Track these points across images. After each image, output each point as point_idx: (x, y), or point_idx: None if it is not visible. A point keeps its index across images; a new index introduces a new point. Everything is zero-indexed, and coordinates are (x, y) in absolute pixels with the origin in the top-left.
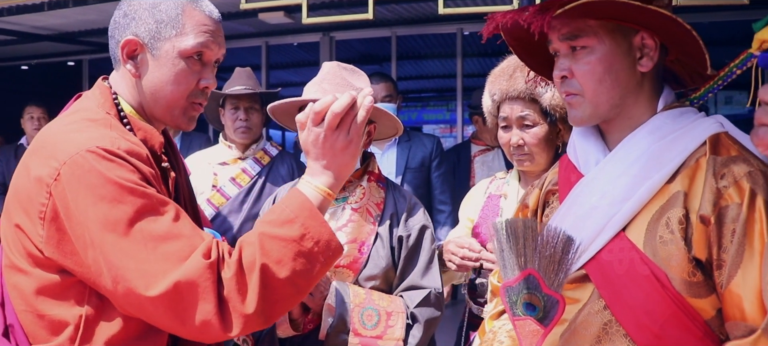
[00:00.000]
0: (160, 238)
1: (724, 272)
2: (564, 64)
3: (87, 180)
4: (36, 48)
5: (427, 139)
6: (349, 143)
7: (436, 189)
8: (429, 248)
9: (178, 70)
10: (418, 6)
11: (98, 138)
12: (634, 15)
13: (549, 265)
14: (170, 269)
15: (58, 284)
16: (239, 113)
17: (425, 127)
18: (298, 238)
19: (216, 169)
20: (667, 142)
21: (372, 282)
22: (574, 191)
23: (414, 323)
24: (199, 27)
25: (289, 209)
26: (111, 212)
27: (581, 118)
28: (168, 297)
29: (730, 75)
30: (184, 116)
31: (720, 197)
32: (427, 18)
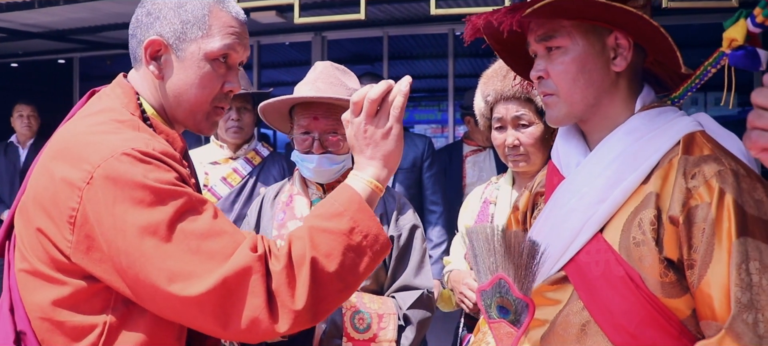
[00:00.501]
0: (202, 236)
1: (695, 272)
2: (540, 64)
3: (123, 184)
4: (26, 45)
5: (418, 140)
6: (390, 129)
7: (428, 189)
8: (420, 247)
9: (203, 73)
10: (409, 6)
11: (131, 139)
12: (604, 14)
13: (517, 270)
14: (216, 266)
15: (83, 290)
16: (231, 113)
17: (417, 127)
18: (348, 231)
19: (207, 168)
20: (642, 142)
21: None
22: (556, 193)
23: (407, 325)
24: (226, 28)
25: (337, 203)
26: (151, 215)
27: (557, 117)
28: (216, 293)
29: (705, 73)
30: (207, 121)
31: (689, 196)
32: (419, 18)
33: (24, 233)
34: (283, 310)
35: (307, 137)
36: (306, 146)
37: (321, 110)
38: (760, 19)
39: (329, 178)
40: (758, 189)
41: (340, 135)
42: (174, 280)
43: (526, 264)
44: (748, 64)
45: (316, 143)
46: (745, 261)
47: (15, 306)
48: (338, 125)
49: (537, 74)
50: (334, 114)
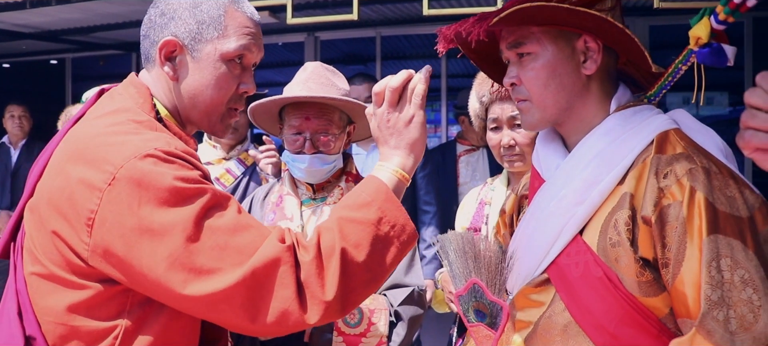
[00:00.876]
0: (230, 231)
1: (669, 271)
2: (512, 71)
3: (148, 184)
4: (18, 46)
5: None
6: (413, 117)
7: (421, 190)
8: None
9: (219, 74)
10: (402, 7)
11: (153, 140)
12: (570, 19)
13: (489, 275)
14: (245, 259)
15: (99, 294)
16: None
17: None
18: (376, 221)
19: None
20: (618, 143)
21: None
22: (537, 196)
23: (398, 321)
24: (242, 29)
25: (365, 193)
26: (178, 214)
27: (531, 123)
28: (244, 285)
29: (677, 71)
30: (221, 123)
31: (662, 196)
32: (412, 18)
33: (36, 235)
34: (313, 301)
35: (299, 138)
36: (297, 146)
37: (313, 110)
38: (723, 17)
39: (320, 178)
40: (730, 186)
41: (331, 135)
42: (202, 276)
43: (496, 269)
44: (715, 60)
45: (307, 143)
46: (715, 259)
47: (24, 310)
48: (329, 125)
49: (510, 81)
50: (326, 114)
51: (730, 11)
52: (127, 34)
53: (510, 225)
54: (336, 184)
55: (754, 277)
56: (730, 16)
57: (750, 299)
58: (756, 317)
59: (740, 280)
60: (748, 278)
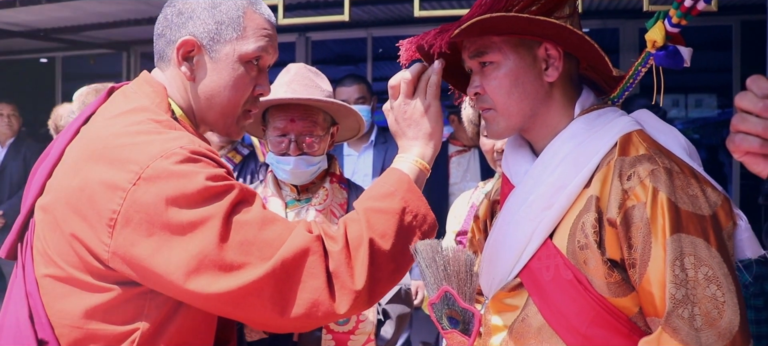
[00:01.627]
0: (258, 225)
1: (636, 271)
2: (476, 81)
3: (176, 183)
4: (7, 44)
5: None
6: (429, 107)
7: None
8: None
9: (237, 75)
10: (394, 7)
11: (177, 139)
12: (530, 28)
13: (460, 282)
14: (274, 251)
15: (118, 297)
16: None
17: None
18: (400, 210)
19: None
20: (583, 146)
21: None
22: (507, 202)
23: (386, 319)
24: (260, 31)
25: (388, 184)
26: (207, 211)
27: (497, 131)
28: (274, 277)
29: (637, 74)
30: (237, 124)
31: (626, 197)
32: (403, 19)
33: (50, 236)
34: (343, 291)
35: (283, 139)
36: (282, 148)
37: (297, 112)
38: (676, 20)
39: (305, 179)
40: (693, 185)
41: (316, 136)
42: (232, 272)
43: (466, 276)
44: (671, 62)
45: (292, 145)
46: (679, 257)
47: (35, 314)
48: (314, 127)
49: (473, 90)
50: (310, 116)
51: (682, 14)
52: (118, 33)
53: (483, 230)
54: (320, 185)
55: (718, 274)
56: (683, 19)
57: (714, 296)
58: (720, 313)
59: (704, 277)
60: (712, 275)
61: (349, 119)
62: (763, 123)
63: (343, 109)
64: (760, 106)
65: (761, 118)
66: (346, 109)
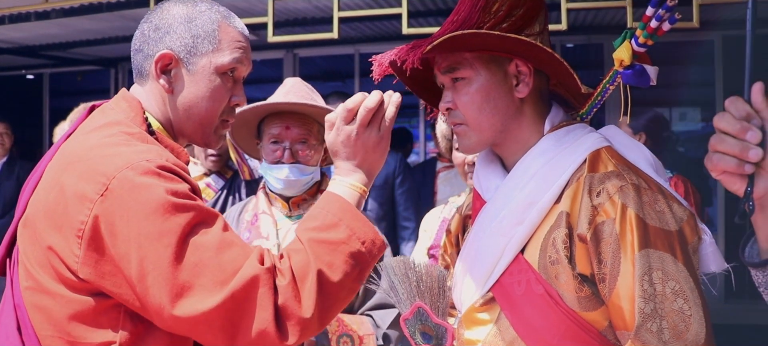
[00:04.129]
0: (213, 249)
1: (606, 285)
2: (448, 96)
3: (139, 195)
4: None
5: (390, 157)
6: (381, 140)
7: (400, 206)
8: None
9: (214, 86)
10: (381, 24)
11: (145, 151)
12: (500, 45)
13: (432, 298)
14: (226, 279)
15: (92, 308)
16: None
17: None
18: (346, 239)
19: None
20: (553, 163)
21: None
22: (479, 217)
23: (386, 344)
24: (234, 43)
25: (331, 214)
26: (164, 225)
27: (468, 146)
28: (224, 308)
29: (605, 91)
30: (215, 134)
31: (596, 213)
32: (390, 36)
33: (30, 250)
34: (291, 322)
35: (278, 147)
36: (276, 156)
37: (293, 120)
38: (642, 40)
39: (298, 189)
40: (660, 201)
41: (310, 146)
42: (183, 295)
43: (439, 292)
44: (638, 80)
45: (286, 153)
46: (647, 272)
47: (22, 325)
48: (309, 135)
49: (445, 106)
50: (305, 125)
51: (648, 35)
52: (106, 50)
53: (456, 245)
54: (311, 201)
55: (684, 288)
56: (649, 39)
57: (681, 309)
58: (687, 326)
59: (671, 291)
60: (679, 289)
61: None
62: (740, 144)
63: (321, 112)
64: (738, 128)
65: (738, 139)
66: (321, 110)
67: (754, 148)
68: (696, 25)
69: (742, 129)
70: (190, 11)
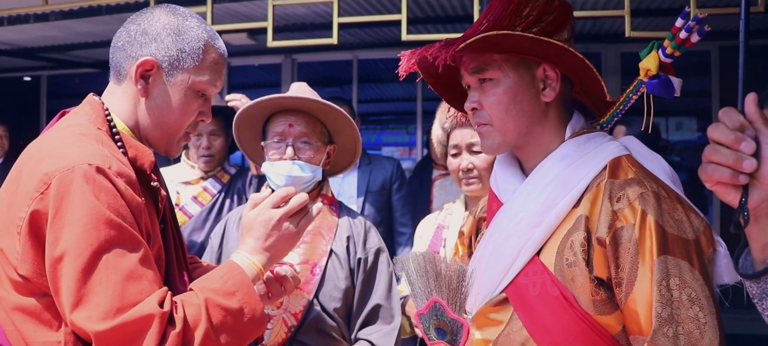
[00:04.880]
0: (123, 274)
1: (622, 290)
2: (474, 96)
3: (71, 199)
4: None
5: (387, 163)
6: (294, 235)
7: (397, 212)
8: (386, 270)
9: (187, 101)
10: (380, 31)
11: (90, 154)
12: (532, 47)
13: (450, 293)
14: (123, 308)
15: (37, 308)
16: (202, 141)
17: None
18: (238, 310)
19: (179, 187)
20: (573, 168)
21: (334, 303)
22: (495, 218)
23: None
24: (215, 66)
25: (231, 282)
26: (84, 235)
27: (492, 146)
28: (114, 336)
29: (627, 100)
30: (178, 145)
31: (615, 218)
32: (389, 42)
33: None
34: None
35: (281, 145)
36: (279, 154)
37: (297, 118)
38: (670, 51)
39: (300, 187)
40: (678, 210)
41: (312, 144)
42: (80, 304)
43: (457, 287)
44: (663, 91)
45: (289, 149)
46: (665, 278)
47: None
48: (312, 135)
49: (471, 106)
50: (309, 124)
51: (676, 46)
52: (104, 53)
53: (468, 246)
54: (311, 205)
55: (700, 296)
56: (677, 50)
57: (696, 317)
58: (702, 334)
59: (688, 298)
60: (695, 296)
61: (345, 135)
62: (734, 155)
63: (341, 117)
64: (731, 138)
65: (732, 149)
66: (345, 122)
67: (748, 158)
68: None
69: (736, 139)
70: (180, 24)
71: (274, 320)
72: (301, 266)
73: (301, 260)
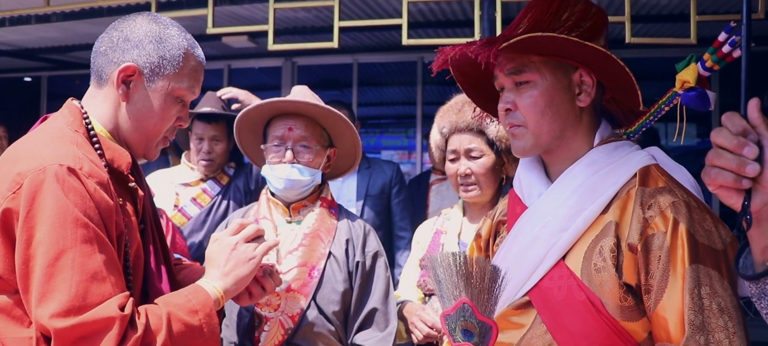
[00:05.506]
0: (89, 274)
1: (651, 297)
2: (509, 97)
3: (42, 197)
4: None
5: (386, 166)
6: (251, 258)
7: (396, 215)
8: (384, 275)
9: (167, 106)
10: (380, 34)
11: (63, 155)
12: (575, 51)
13: (480, 294)
14: (84, 308)
15: (8, 304)
16: (203, 145)
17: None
18: (198, 328)
19: (178, 189)
20: (601, 175)
21: (332, 306)
22: (519, 222)
23: None
24: (194, 73)
25: (194, 301)
26: (52, 232)
27: (524, 148)
28: (73, 334)
29: (659, 111)
30: (156, 148)
31: (647, 226)
32: (389, 46)
33: None
34: None
35: (280, 148)
36: (278, 157)
37: (297, 122)
38: (709, 64)
39: (298, 190)
40: (708, 220)
41: (312, 147)
42: (45, 302)
43: (489, 288)
44: (699, 104)
45: (288, 152)
46: (697, 286)
47: None
48: (311, 138)
49: (505, 106)
50: (309, 128)
51: (717, 59)
52: None
53: (485, 249)
54: (311, 208)
55: (729, 306)
56: (717, 63)
57: (726, 326)
58: (731, 343)
59: (718, 308)
60: (724, 306)
61: (345, 139)
62: (737, 159)
63: (340, 122)
64: (734, 143)
65: (735, 154)
66: (344, 125)
67: (751, 163)
68: (693, 41)
69: (739, 144)
70: (162, 32)
71: (271, 323)
72: (299, 269)
73: (300, 263)
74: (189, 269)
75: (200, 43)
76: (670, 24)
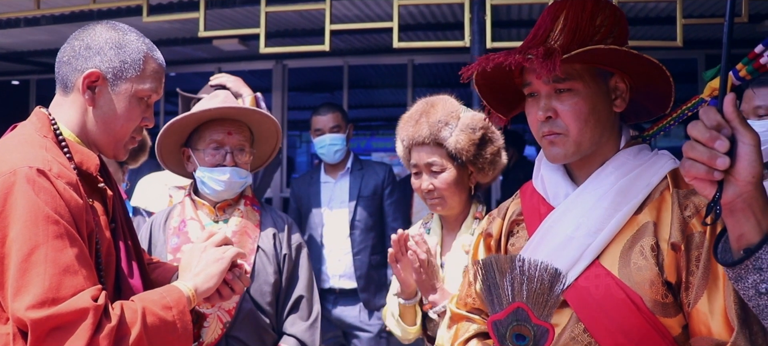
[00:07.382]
0: (62, 267)
1: (691, 293)
2: (547, 104)
3: (14, 199)
4: None
5: (379, 168)
6: (219, 260)
7: (389, 216)
8: (306, 265)
9: (132, 108)
10: (370, 37)
11: (32, 158)
12: (626, 61)
13: (538, 297)
14: (58, 300)
15: None
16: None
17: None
18: (171, 323)
19: (171, 191)
20: (631, 177)
21: (265, 297)
22: (546, 222)
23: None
24: (155, 74)
25: (169, 298)
26: (24, 230)
27: (563, 155)
28: (48, 325)
29: (682, 116)
30: (124, 148)
31: (686, 225)
32: (380, 48)
33: None
34: None
35: (220, 151)
36: (218, 160)
37: (234, 127)
38: (743, 74)
39: (235, 191)
40: None
41: (247, 151)
42: (20, 296)
43: (548, 290)
44: None
45: (228, 156)
46: None
47: None
48: (246, 143)
49: (546, 114)
50: (243, 133)
51: (752, 70)
52: None
53: (497, 248)
54: (235, 207)
55: None
56: (750, 74)
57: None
58: (765, 333)
59: None
60: None
61: (264, 129)
62: (708, 152)
63: (263, 120)
64: (707, 136)
65: (707, 147)
66: (263, 118)
67: (721, 156)
68: (679, 44)
69: (711, 138)
70: (121, 38)
71: (210, 319)
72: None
73: None
74: (162, 268)
75: (192, 46)
76: (657, 27)
